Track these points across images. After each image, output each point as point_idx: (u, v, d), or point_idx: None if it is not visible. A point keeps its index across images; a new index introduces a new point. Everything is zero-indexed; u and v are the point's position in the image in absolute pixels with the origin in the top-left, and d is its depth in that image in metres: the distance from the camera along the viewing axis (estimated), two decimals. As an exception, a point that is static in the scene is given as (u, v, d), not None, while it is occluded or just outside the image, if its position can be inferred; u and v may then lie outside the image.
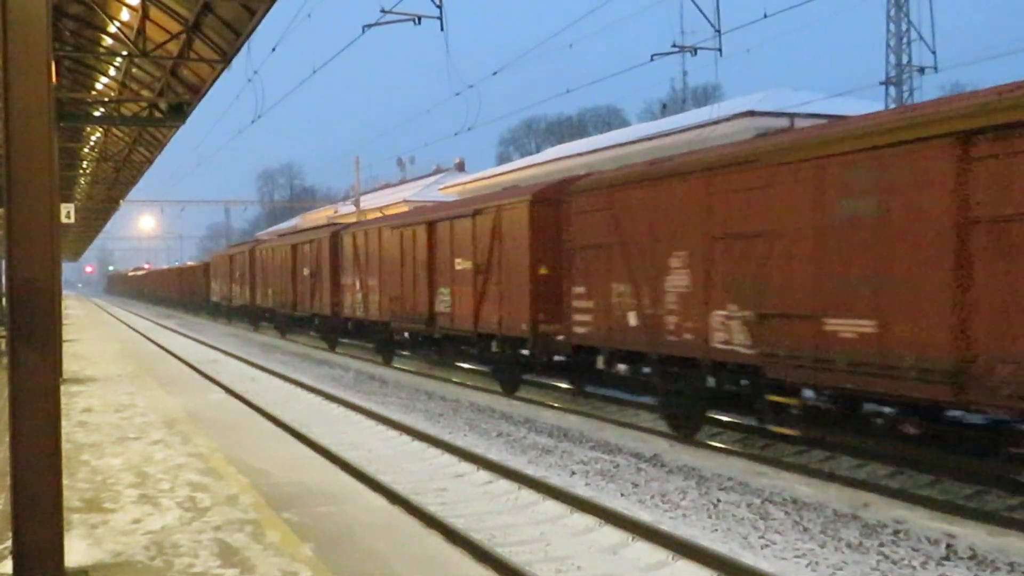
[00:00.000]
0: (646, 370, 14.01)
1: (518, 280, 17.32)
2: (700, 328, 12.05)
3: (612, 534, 8.81)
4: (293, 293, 32.96)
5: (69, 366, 19.88)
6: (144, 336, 37.09)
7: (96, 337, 32.41)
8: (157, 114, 19.31)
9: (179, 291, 71.58)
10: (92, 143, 29.70)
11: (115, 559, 6.30)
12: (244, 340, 35.87)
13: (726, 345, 11.61)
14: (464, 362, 22.44)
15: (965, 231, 8.00)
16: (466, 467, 11.95)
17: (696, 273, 12.08)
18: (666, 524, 8.93)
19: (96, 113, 22.14)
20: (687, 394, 13.22)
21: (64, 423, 12.21)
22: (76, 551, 6.41)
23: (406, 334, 23.74)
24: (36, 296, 5.74)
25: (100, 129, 26.90)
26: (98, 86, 21.36)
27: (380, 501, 8.98)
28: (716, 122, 30.78)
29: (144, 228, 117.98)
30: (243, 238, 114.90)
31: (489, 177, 48.60)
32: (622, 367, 14.55)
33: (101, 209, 49.25)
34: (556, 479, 11.04)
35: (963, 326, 8.11)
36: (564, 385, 19.14)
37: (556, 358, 17.66)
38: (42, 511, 5.67)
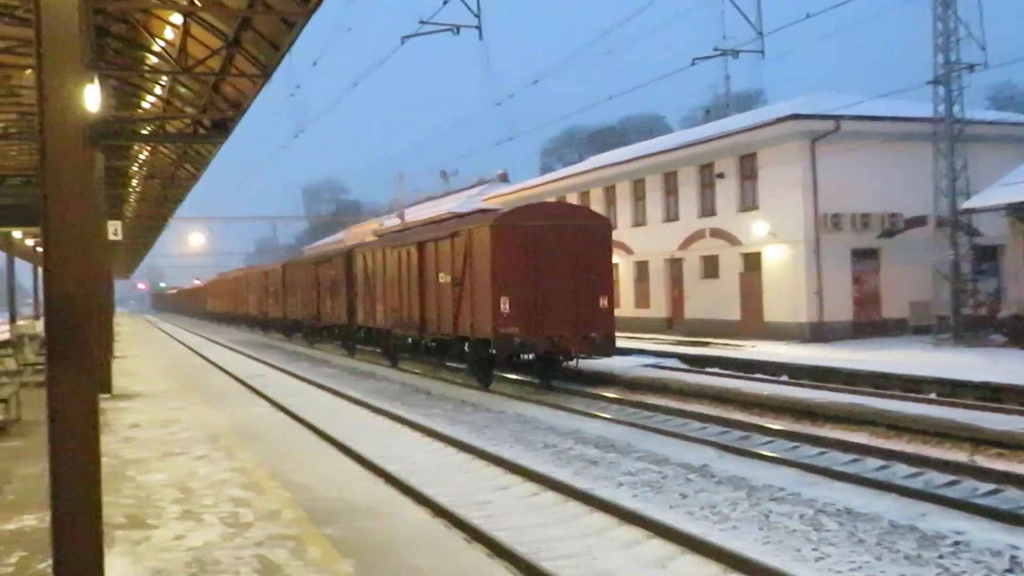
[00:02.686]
0: None
1: (483, 291, 21.01)
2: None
3: (660, 547, 8.63)
4: (317, 306, 36.79)
5: (118, 382, 20.07)
6: (193, 351, 37.50)
7: (146, 353, 32.81)
8: (201, 130, 19.46)
9: (218, 306, 75.04)
10: (140, 161, 30.06)
11: (156, 576, 6.25)
12: (290, 354, 36.11)
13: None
14: (452, 363, 25.26)
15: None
16: (511, 479, 11.83)
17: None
18: (715, 536, 8.73)
19: (142, 131, 22.38)
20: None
21: (111, 438, 12.32)
22: (117, 568, 6.38)
23: (409, 339, 26.86)
24: (72, 312, 5.69)
25: (147, 147, 27.25)
26: (144, 104, 21.63)
27: (422, 515, 8.87)
28: (760, 126, 30.41)
29: (193, 245, 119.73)
30: (289, 253, 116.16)
31: (531, 187, 48.55)
32: None
33: (150, 227, 49.93)
34: (602, 491, 10.88)
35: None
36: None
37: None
38: (81, 529, 5.59)
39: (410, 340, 26.53)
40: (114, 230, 19.67)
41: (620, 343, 29.19)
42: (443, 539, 7.46)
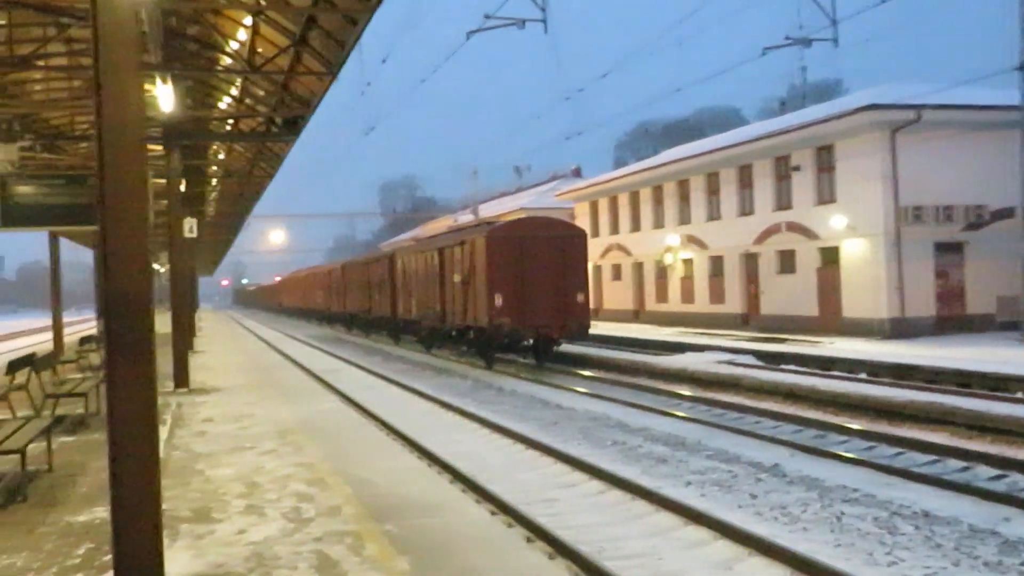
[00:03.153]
0: None
1: (482, 289, 25.75)
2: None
3: (727, 548, 8.42)
4: (368, 301, 42.37)
5: (197, 376, 20.47)
6: (269, 345, 38.16)
7: (225, 348, 33.44)
8: (273, 129, 19.77)
9: (290, 301, 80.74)
10: (218, 160, 30.71)
11: (215, 571, 6.29)
12: (366, 350, 36.51)
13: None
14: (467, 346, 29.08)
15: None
16: (578, 476, 11.72)
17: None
18: (784, 539, 8.46)
19: (218, 131, 22.84)
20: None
21: (184, 432, 12.55)
22: (179, 562, 6.43)
23: (435, 328, 31.39)
24: (130, 309, 5.75)
25: (224, 146, 27.83)
26: (221, 105, 22.07)
27: (484, 512, 8.82)
28: (837, 117, 29.66)
29: (274, 242, 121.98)
30: (367, 249, 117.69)
31: (603, 182, 48.24)
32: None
33: (229, 224, 50.99)
34: (670, 489, 10.68)
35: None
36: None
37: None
38: (141, 523, 5.66)
39: (436, 329, 31.25)
40: (190, 227, 20.11)
41: (695, 339, 29.05)
42: (503, 537, 7.37)
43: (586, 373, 24.42)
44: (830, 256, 30.73)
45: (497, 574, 6.15)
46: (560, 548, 8.20)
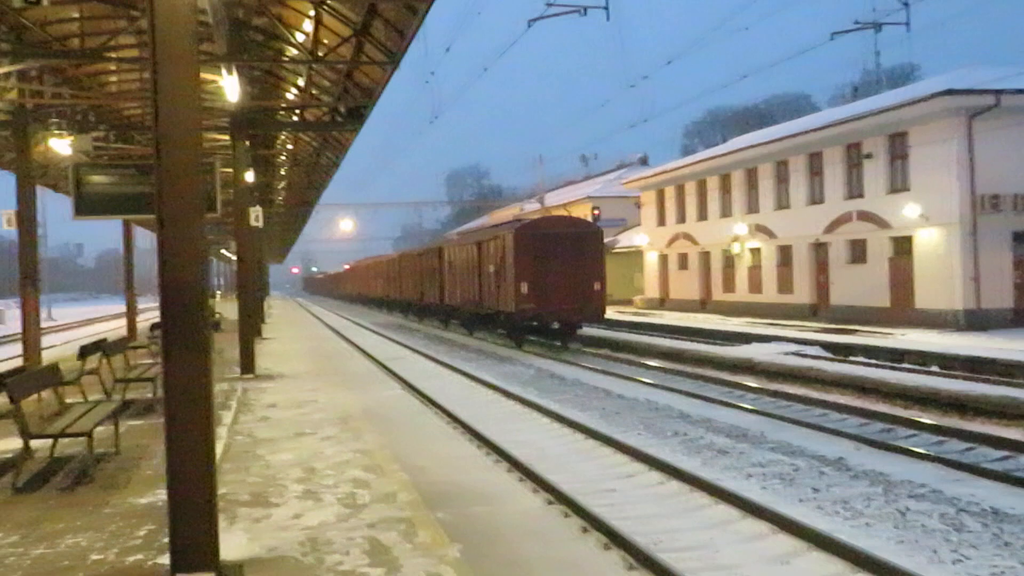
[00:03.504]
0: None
1: (511, 278, 29.17)
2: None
3: (785, 542, 8.27)
4: (420, 289, 45.99)
5: (263, 363, 20.86)
6: (337, 333, 38.65)
7: (292, 335, 33.96)
8: (337, 118, 19.96)
9: (354, 289, 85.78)
10: (286, 150, 31.15)
11: (269, 554, 6.38)
12: (426, 337, 36.75)
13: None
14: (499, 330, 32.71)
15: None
16: (637, 467, 11.64)
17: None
18: (845, 533, 8.30)
19: (284, 120, 23.12)
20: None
21: (248, 418, 12.77)
22: (235, 545, 6.54)
23: (474, 313, 34.83)
24: (185, 297, 5.82)
25: (291, 136, 28.19)
26: (288, 95, 22.35)
27: (539, 501, 8.80)
28: (911, 103, 28.89)
29: (342, 230, 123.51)
30: (434, 238, 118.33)
31: (670, 171, 47.77)
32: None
33: (297, 212, 51.73)
34: (730, 482, 10.58)
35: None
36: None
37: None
38: (197, 507, 5.76)
39: (476, 313, 34.44)
40: (255, 216, 20.40)
41: (762, 330, 28.66)
42: (557, 527, 7.35)
43: (651, 363, 24.28)
44: (902, 246, 30.00)
45: (550, 563, 6.14)
46: (615, 539, 8.12)
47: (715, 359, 23.43)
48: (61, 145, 19.73)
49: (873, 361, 21.16)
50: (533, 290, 28.77)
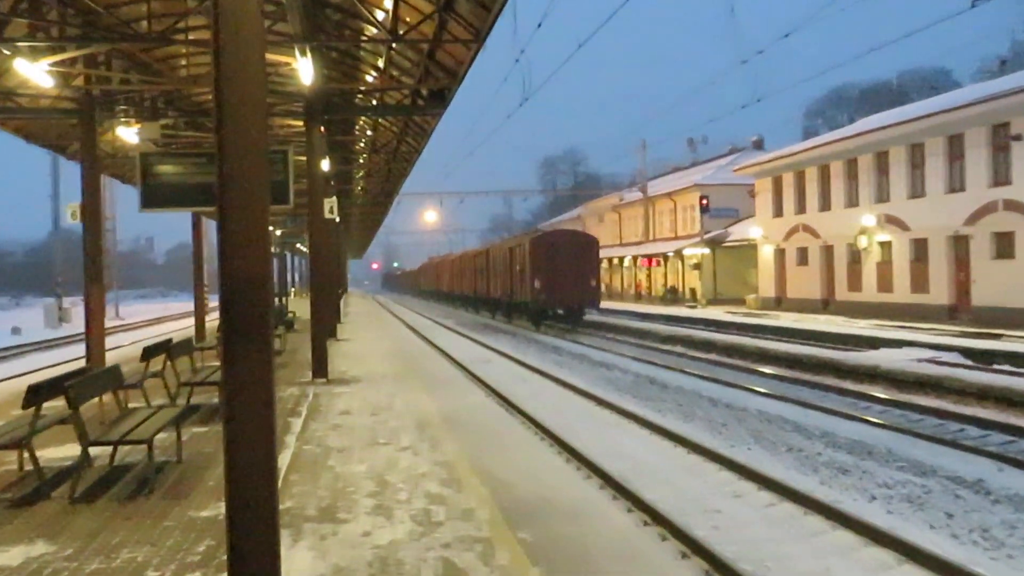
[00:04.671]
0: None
1: (529, 276, 41.74)
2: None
3: (914, 574, 8.02)
4: (475, 284, 59.25)
5: (338, 365, 21.15)
6: (417, 333, 39.09)
7: (369, 336, 34.38)
8: (419, 101, 20.15)
9: (427, 285, 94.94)
10: (364, 136, 31.60)
11: (335, 574, 6.43)
12: (524, 340, 36.86)
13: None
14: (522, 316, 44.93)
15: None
16: (746, 485, 11.44)
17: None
18: (984, 566, 8.02)
19: (363, 105, 23.45)
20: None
21: (319, 425, 12.95)
22: (299, 563, 6.62)
23: (507, 303, 48.14)
24: (248, 295, 5.89)
25: (370, 121, 28.59)
26: (368, 78, 22.65)
27: (634, 522, 8.69)
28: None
29: (427, 221, 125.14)
30: (525, 229, 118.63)
31: (789, 155, 46.95)
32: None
33: (378, 203, 52.45)
34: (851, 504, 10.33)
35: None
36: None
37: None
38: (257, 520, 5.80)
39: (509, 303, 47.48)
40: (330, 207, 20.68)
41: (891, 333, 28.03)
42: (653, 551, 7.25)
43: (764, 370, 23.96)
44: (1057, 238, 29.02)
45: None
46: (718, 566, 7.99)
47: (837, 366, 22.93)
48: (128, 133, 20.41)
49: (1021, 370, 20.37)
50: (544, 285, 41.08)
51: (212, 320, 35.52)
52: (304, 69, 15.52)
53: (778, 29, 26.67)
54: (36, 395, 8.78)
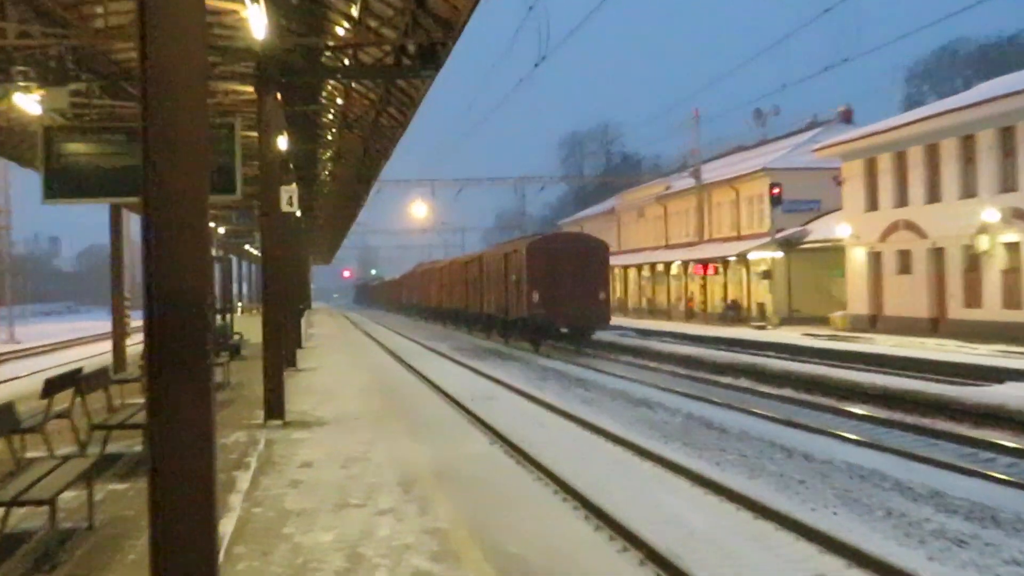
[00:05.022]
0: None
1: (524, 287, 45.94)
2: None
3: None
4: (466, 298, 63.13)
5: (298, 404, 21.14)
6: (403, 362, 39.10)
7: (341, 364, 34.41)
8: (405, 61, 20.11)
9: (413, 298, 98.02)
10: (333, 106, 31.65)
11: None
12: (538, 370, 36.90)
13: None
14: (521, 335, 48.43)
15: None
16: (831, 562, 11.42)
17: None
18: None
19: (329, 65, 23.40)
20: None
21: (274, 481, 12.95)
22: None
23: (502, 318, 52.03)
24: (181, 309, 5.93)
25: (341, 88, 28.59)
26: (334, 30, 22.63)
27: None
28: None
29: (415, 218, 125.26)
30: (542, 227, 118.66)
31: (887, 130, 47.02)
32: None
33: (351, 193, 52.47)
34: (970, 588, 10.21)
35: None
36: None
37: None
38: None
39: (504, 320, 51.04)
40: (288, 198, 20.72)
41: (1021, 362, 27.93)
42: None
43: (856, 410, 23.96)
44: None
45: None
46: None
47: (951, 405, 22.90)
48: (28, 102, 20.33)
49: None
50: (544, 299, 44.40)
51: (135, 344, 35.52)
52: (255, 19, 15.52)
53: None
54: None
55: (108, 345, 35.74)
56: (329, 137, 36.44)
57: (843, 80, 41.86)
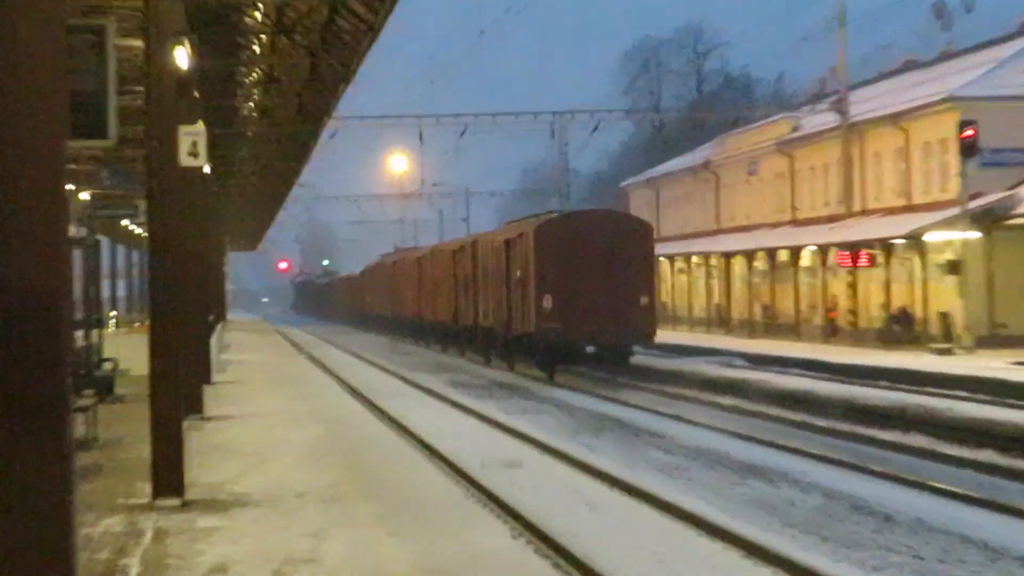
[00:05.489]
0: None
1: (532, 288, 50.87)
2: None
3: None
4: (454, 305, 69.00)
5: (206, 474, 21.34)
6: (371, 405, 39.52)
7: (275, 408, 34.44)
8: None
9: (380, 303, 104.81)
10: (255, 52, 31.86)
11: None
12: (572, 416, 37.29)
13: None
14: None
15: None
16: None
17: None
18: None
19: None
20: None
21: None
22: None
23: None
24: (26, 324, 6.01)
25: (263, 33, 28.70)
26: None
27: None
28: None
29: (391, 176, 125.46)
30: (593, 191, 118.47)
31: None
32: None
33: (290, 138, 52.21)
34: None
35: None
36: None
37: None
38: None
39: (503, 337, 55.86)
40: (191, 144, 20.68)
41: None
42: None
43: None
44: None
45: None
46: None
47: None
48: None
49: None
50: (558, 305, 47.24)
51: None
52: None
53: None
54: None
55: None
56: (257, 49, 36.57)
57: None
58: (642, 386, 44.92)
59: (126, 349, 40.63)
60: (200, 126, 22.39)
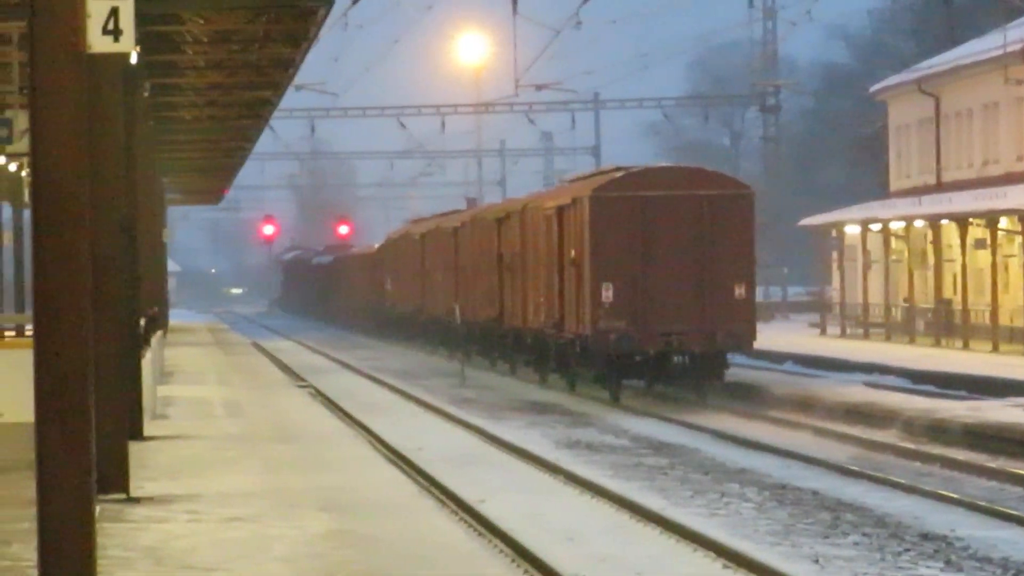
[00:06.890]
0: None
1: (587, 275, 65.88)
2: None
3: None
4: (499, 298, 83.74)
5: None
6: (425, 477, 39.18)
7: (254, 485, 33.77)
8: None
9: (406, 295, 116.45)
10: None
11: None
12: (699, 471, 41.49)
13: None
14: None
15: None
16: None
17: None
18: None
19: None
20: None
21: None
22: None
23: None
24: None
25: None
26: None
27: None
28: None
29: (462, 73, 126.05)
30: (819, 94, 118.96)
31: None
32: None
33: (272, 16, 50.69)
34: None
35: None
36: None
37: None
38: None
39: (555, 343, 66.28)
40: (107, 13, 19.00)
41: None
42: None
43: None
44: None
45: None
46: None
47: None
48: None
49: None
50: (623, 298, 53.05)
51: None
52: None
53: None
54: None
55: None
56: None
57: None
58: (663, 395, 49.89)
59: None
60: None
